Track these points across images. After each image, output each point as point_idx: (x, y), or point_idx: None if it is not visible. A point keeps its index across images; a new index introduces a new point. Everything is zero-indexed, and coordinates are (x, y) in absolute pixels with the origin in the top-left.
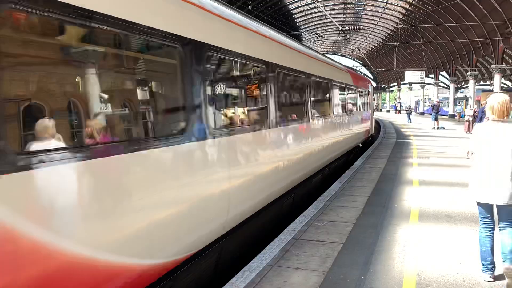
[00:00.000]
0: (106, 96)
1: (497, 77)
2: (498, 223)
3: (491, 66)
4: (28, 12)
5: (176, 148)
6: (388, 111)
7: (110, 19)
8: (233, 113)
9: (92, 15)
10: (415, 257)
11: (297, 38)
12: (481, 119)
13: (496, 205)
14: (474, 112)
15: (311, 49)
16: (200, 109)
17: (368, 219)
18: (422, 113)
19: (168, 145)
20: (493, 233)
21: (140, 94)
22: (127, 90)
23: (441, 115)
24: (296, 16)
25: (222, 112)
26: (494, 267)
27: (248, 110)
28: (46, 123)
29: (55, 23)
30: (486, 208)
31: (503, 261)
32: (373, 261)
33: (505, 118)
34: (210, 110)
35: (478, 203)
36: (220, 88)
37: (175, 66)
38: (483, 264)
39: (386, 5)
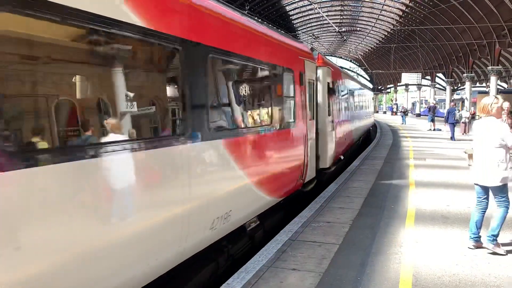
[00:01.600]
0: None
1: (493, 79)
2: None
3: (487, 68)
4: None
5: None
6: (384, 112)
7: None
8: None
9: None
10: (411, 258)
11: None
12: (447, 119)
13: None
14: (471, 114)
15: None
16: None
17: (364, 220)
18: (418, 115)
19: None
20: (484, 212)
21: None
22: None
23: (438, 116)
24: (293, 17)
25: None
26: (478, 238)
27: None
28: None
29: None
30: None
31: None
32: (369, 262)
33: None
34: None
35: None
36: None
37: None
38: (470, 234)
39: (383, 7)
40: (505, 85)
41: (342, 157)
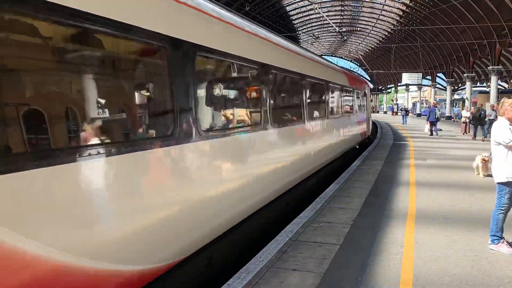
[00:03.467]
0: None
1: (493, 78)
2: None
3: (488, 68)
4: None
5: None
6: (385, 112)
7: None
8: None
9: None
10: (412, 258)
11: (295, 39)
12: (428, 117)
13: None
14: (471, 113)
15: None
16: None
17: (365, 220)
18: (419, 115)
19: None
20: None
21: None
22: None
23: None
24: (293, 18)
25: None
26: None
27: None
28: None
29: None
30: None
31: None
32: (370, 262)
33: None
34: None
35: None
36: None
37: None
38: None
39: (383, 7)
40: (505, 85)
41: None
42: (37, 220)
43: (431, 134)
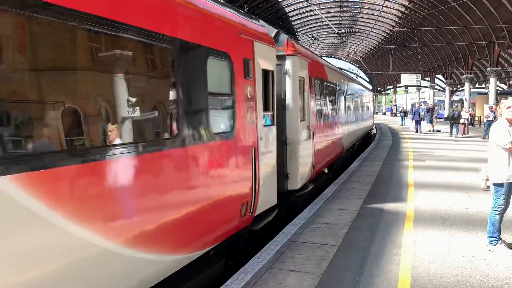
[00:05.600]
0: None
1: (492, 80)
2: None
3: (487, 69)
4: None
5: None
6: (384, 113)
7: None
8: None
9: None
10: (410, 259)
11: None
12: (413, 117)
13: None
14: (471, 115)
15: None
16: None
17: (363, 222)
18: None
19: None
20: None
21: None
22: None
23: (437, 117)
24: (292, 19)
25: None
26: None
27: None
28: None
29: None
30: None
31: None
32: (368, 263)
33: None
34: None
35: None
36: None
37: None
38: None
39: (382, 8)
40: (504, 86)
41: (326, 170)
42: None
43: (416, 131)
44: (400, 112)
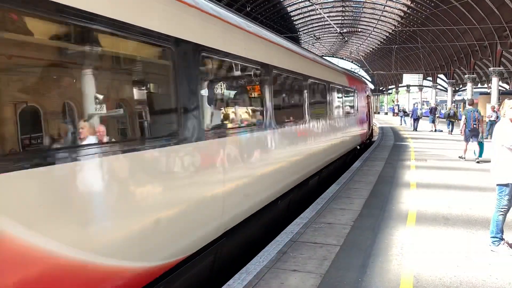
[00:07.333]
0: None
1: (494, 80)
2: None
3: (489, 69)
4: None
5: None
6: (386, 113)
7: None
8: None
9: None
10: (412, 259)
11: (296, 40)
12: (411, 116)
13: None
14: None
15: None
16: None
17: (365, 221)
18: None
19: None
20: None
21: None
22: None
23: (439, 117)
24: (294, 18)
25: None
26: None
27: None
28: None
29: None
30: None
31: None
32: (370, 263)
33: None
34: None
35: None
36: None
37: None
38: None
39: (384, 8)
40: (506, 86)
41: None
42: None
43: (415, 130)
44: (400, 111)
